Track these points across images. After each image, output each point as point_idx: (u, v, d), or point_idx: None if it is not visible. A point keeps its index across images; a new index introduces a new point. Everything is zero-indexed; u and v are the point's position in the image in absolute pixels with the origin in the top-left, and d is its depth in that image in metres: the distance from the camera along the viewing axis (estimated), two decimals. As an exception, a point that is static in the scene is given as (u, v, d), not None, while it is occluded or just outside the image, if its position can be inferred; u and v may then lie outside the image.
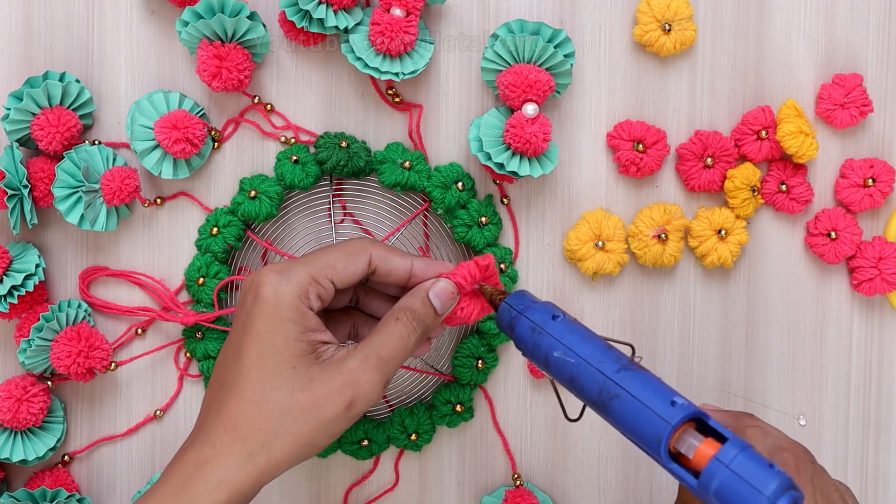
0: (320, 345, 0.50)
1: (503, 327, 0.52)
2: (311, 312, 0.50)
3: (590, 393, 0.48)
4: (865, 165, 0.64)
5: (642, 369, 0.48)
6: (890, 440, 0.67)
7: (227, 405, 0.49)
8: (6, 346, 0.63)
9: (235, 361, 0.50)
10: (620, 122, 0.63)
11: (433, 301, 0.52)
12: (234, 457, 0.48)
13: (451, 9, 0.63)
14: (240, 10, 0.59)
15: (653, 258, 0.63)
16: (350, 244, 0.52)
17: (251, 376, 0.49)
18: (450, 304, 0.53)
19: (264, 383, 0.49)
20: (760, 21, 0.64)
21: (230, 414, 0.49)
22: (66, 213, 0.59)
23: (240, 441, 0.48)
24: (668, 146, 0.63)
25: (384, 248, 0.52)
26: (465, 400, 0.63)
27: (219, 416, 0.49)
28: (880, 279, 0.64)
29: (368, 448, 0.63)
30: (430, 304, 0.52)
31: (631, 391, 0.46)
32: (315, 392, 0.48)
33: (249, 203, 0.61)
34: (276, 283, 0.50)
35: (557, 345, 0.49)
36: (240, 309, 0.51)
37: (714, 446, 0.44)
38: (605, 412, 0.47)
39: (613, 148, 0.63)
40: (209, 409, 0.50)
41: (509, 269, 0.63)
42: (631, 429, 0.46)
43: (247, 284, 0.51)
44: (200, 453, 0.48)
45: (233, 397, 0.49)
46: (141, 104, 0.61)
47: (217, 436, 0.49)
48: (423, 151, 0.63)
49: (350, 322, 0.56)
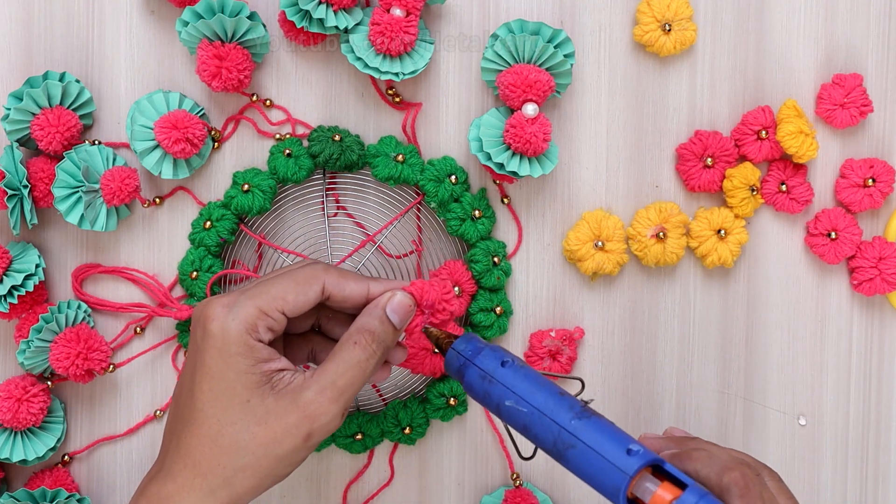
0: (275, 374, 0.49)
1: (452, 373, 0.52)
2: (262, 344, 0.49)
3: (545, 443, 0.48)
4: (865, 165, 0.64)
5: (596, 415, 0.48)
6: (890, 440, 0.67)
7: (185, 441, 0.49)
8: (6, 347, 0.63)
9: (189, 397, 0.49)
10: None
11: (391, 317, 0.51)
12: (195, 492, 0.48)
13: (451, 9, 0.63)
14: (240, 10, 0.59)
15: (654, 258, 0.63)
16: (301, 272, 0.51)
17: (206, 412, 0.49)
18: (408, 316, 0.51)
19: (219, 419, 0.48)
20: (760, 21, 0.64)
21: (189, 450, 0.49)
22: (66, 213, 0.59)
23: (200, 477, 0.48)
24: None
25: (338, 274, 0.51)
26: (458, 393, 0.63)
27: (178, 451, 0.49)
28: (880, 279, 0.64)
29: (362, 442, 0.63)
30: (389, 321, 0.51)
31: (586, 441, 0.46)
32: (272, 426, 0.48)
33: (242, 197, 0.61)
34: (223, 318, 0.49)
35: (509, 393, 0.49)
36: (191, 341, 0.51)
37: (671, 490, 0.45)
38: (561, 461, 0.47)
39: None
40: (170, 442, 0.50)
41: (503, 262, 0.63)
42: (588, 479, 0.46)
43: (196, 315, 0.51)
44: (163, 488, 0.49)
45: (190, 433, 0.49)
46: (141, 104, 0.61)
47: (178, 471, 0.49)
48: (417, 145, 0.63)
49: (310, 346, 0.55)
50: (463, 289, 0.62)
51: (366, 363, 0.50)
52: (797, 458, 0.66)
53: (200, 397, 0.49)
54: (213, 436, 0.48)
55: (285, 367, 0.50)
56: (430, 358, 0.61)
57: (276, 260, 0.64)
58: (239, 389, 0.48)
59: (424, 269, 0.64)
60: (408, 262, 0.64)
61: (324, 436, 0.49)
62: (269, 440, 0.48)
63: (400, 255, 0.64)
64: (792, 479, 0.66)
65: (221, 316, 0.49)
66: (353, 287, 0.51)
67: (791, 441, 0.66)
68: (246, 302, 0.49)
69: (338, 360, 0.50)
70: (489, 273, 0.62)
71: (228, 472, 0.48)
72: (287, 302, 0.50)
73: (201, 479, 0.48)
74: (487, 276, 0.62)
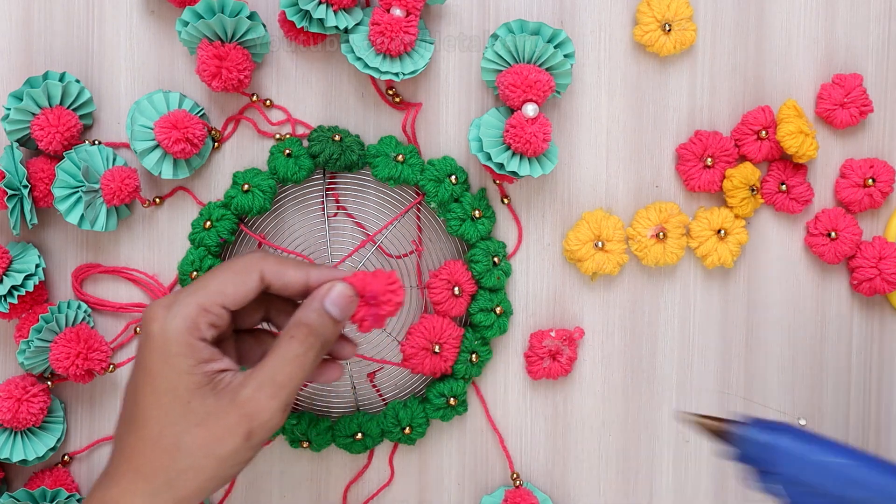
0: (216, 374, 0.49)
1: (748, 468, 0.43)
2: (204, 343, 0.49)
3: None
4: (865, 165, 0.64)
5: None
6: (890, 440, 0.67)
7: (128, 443, 0.49)
8: (6, 347, 0.63)
9: (133, 400, 0.49)
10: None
11: (330, 309, 0.50)
12: (138, 496, 0.48)
13: (451, 9, 0.63)
14: (240, 10, 0.59)
15: (655, 258, 0.63)
16: (238, 263, 0.51)
17: (148, 414, 0.48)
18: (349, 308, 0.50)
19: (160, 420, 0.48)
20: (760, 21, 0.64)
21: (132, 452, 0.48)
22: (66, 213, 0.59)
23: (142, 480, 0.48)
24: None
25: (276, 262, 0.51)
26: (458, 393, 0.63)
27: (122, 454, 0.49)
28: (880, 279, 0.64)
29: (362, 442, 0.63)
30: (327, 314, 0.50)
31: None
32: (211, 427, 0.48)
33: (242, 197, 0.61)
34: (162, 319, 0.48)
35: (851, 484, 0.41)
36: (138, 344, 0.50)
37: None
38: None
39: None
40: (115, 447, 0.50)
41: (503, 262, 0.63)
42: None
43: (142, 317, 0.50)
44: (107, 493, 0.48)
45: (132, 435, 0.49)
46: (141, 104, 0.61)
47: (121, 475, 0.48)
48: (416, 145, 0.63)
49: (263, 346, 0.55)
50: (463, 289, 0.62)
51: (304, 357, 0.49)
52: (797, 458, 0.66)
53: (142, 400, 0.49)
54: (154, 438, 0.48)
55: (228, 367, 0.49)
56: (430, 358, 0.61)
57: (276, 260, 0.64)
58: (180, 391, 0.48)
59: (424, 269, 0.64)
60: (408, 262, 0.64)
61: (266, 434, 0.48)
62: (209, 441, 0.48)
63: (400, 255, 0.64)
64: (792, 479, 0.66)
65: (161, 317, 0.49)
66: (293, 274, 0.51)
67: (791, 441, 0.66)
68: (185, 300, 0.49)
69: (275, 355, 0.49)
70: (489, 273, 0.62)
71: (171, 474, 0.48)
72: (227, 295, 0.49)
73: (143, 482, 0.48)
74: (487, 276, 0.62)
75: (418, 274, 0.64)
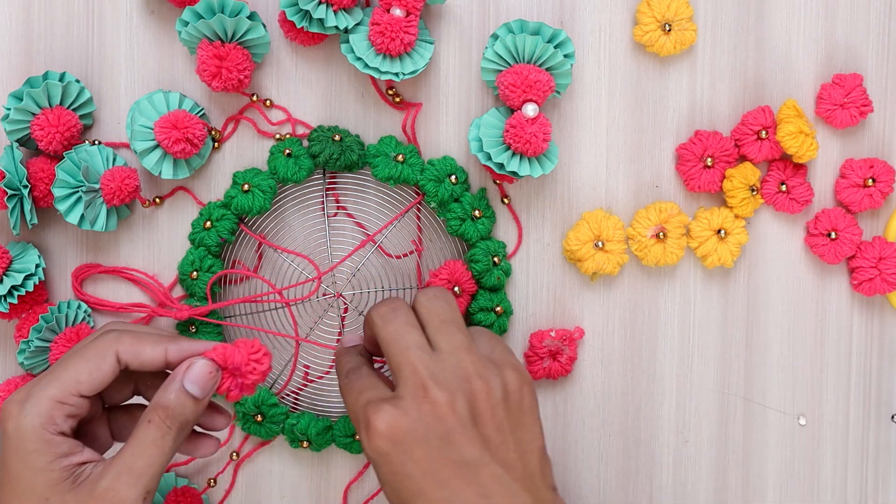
0: (76, 468, 0.48)
1: None
2: (62, 437, 0.48)
3: None
4: (865, 165, 0.64)
5: None
6: (890, 440, 0.67)
7: None
8: (6, 346, 0.63)
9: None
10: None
11: (190, 389, 0.49)
12: None
13: (451, 9, 0.63)
14: (240, 10, 0.59)
15: (654, 258, 0.63)
16: (91, 348, 0.49)
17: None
18: (210, 385, 0.49)
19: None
20: (760, 21, 0.64)
21: None
22: (66, 213, 0.59)
23: None
24: None
25: (132, 341, 0.49)
26: None
27: None
28: (880, 279, 0.64)
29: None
30: (186, 394, 0.49)
31: None
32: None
33: (242, 197, 0.61)
34: (17, 417, 0.47)
35: None
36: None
37: None
38: None
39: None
40: None
41: (503, 262, 0.63)
42: None
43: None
44: None
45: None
46: (141, 104, 0.61)
47: None
48: (416, 145, 0.63)
49: (136, 419, 0.52)
50: (463, 289, 0.62)
51: (162, 441, 0.48)
52: (797, 458, 0.66)
53: (4, 499, 0.48)
54: None
55: (88, 458, 0.48)
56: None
57: (276, 260, 0.64)
58: (38, 488, 0.47)
59: (424, 269, 0.64)
60: (408, 262, 0.64)
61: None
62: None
63: (400, 255, 0.64)
64: (792, 479, 0.66)
65: (15, 414, 0.47)
66: (150, 353, 0.49)
67: (791, 441, 0.66)
68: (39, 394, 0.48)
69: (133, 441, 0.48)
70: (489, 273, 0.62)
71: None
72: (81, 383, 0.48)
73: None
74: (487, 276, 0.62)
75: (418, 274, 0.64)
